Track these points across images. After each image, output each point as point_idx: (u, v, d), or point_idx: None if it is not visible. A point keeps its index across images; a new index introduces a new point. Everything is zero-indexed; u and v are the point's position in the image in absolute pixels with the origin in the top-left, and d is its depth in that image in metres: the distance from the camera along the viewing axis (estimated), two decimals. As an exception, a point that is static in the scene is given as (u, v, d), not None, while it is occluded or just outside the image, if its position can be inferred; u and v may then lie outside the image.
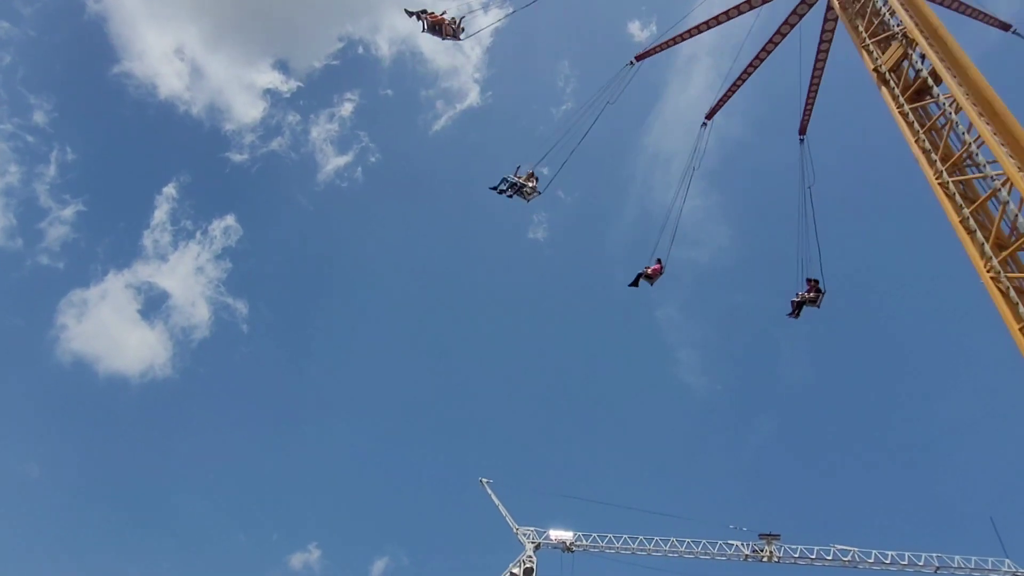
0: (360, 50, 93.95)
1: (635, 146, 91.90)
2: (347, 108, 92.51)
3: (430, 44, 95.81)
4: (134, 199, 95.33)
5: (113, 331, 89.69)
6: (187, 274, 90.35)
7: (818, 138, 30.96)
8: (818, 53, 28.15)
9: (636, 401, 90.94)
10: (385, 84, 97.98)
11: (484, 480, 52.13)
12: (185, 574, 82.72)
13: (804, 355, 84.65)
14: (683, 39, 29.39)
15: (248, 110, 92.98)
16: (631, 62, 30.42)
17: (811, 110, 30.28)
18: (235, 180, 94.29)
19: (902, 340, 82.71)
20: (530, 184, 29.06)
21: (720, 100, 31.22)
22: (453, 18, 28.61)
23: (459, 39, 28.74)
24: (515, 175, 29.38)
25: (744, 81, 29.94)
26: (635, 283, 30.85)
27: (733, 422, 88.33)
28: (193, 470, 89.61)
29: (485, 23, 30.02)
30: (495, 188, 29.32)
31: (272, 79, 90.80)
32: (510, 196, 29.32)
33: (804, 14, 26.75)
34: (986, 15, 27.04)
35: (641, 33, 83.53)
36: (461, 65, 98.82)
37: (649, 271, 30.49)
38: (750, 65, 29.13)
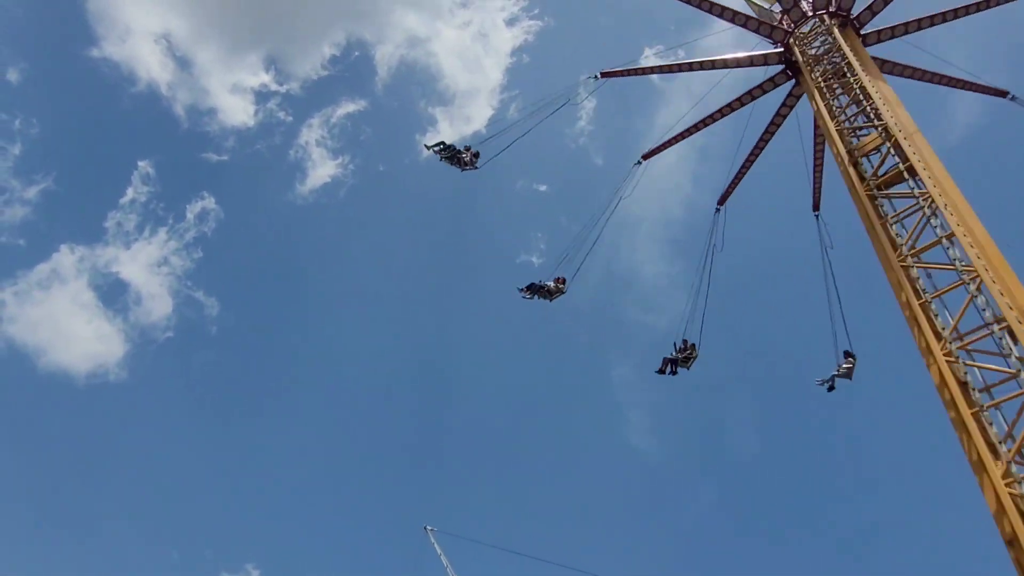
0: (366, 54, 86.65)
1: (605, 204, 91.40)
2: (343, 116, 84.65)
3: (447, 56, 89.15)
4: (99, 183, 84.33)
5: (61, 321, 78.26)
6: (151, 264, 79.53)
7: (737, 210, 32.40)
8: (764, 133, 29.63)
9: (584, 458, 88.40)
10: (391, 94, 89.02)
11: (429, 528, 50.66)
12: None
13: (751, 425, 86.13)
14: (653, 72, 29.62)
15: (236, 113, 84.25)
16: (596, 76, 29.99)
17: (737, 184, 31.73)
18: (214, 177, 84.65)
19: (850, 427, 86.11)
20: (468, 156, 27.06)
21: (660, 146, 31.62)
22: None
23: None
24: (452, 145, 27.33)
25: (689, 135, 30.58)
26: (527, 291, 29.78)
27: (677, 488, 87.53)
28: (132, 481, 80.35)
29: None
30: (431, 147, 26.93)
31: (264, 80, 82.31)
32: (444, 159, 27.05)
33: (769, 91, 28.11)
34: (982, 86, 29.41)
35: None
36: (479, 87, 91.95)
37: (548, 287, 29.53)
38: (702, 122, 29.86)
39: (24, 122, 77.16)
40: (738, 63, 27.94)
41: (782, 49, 26.97)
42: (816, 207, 31.62)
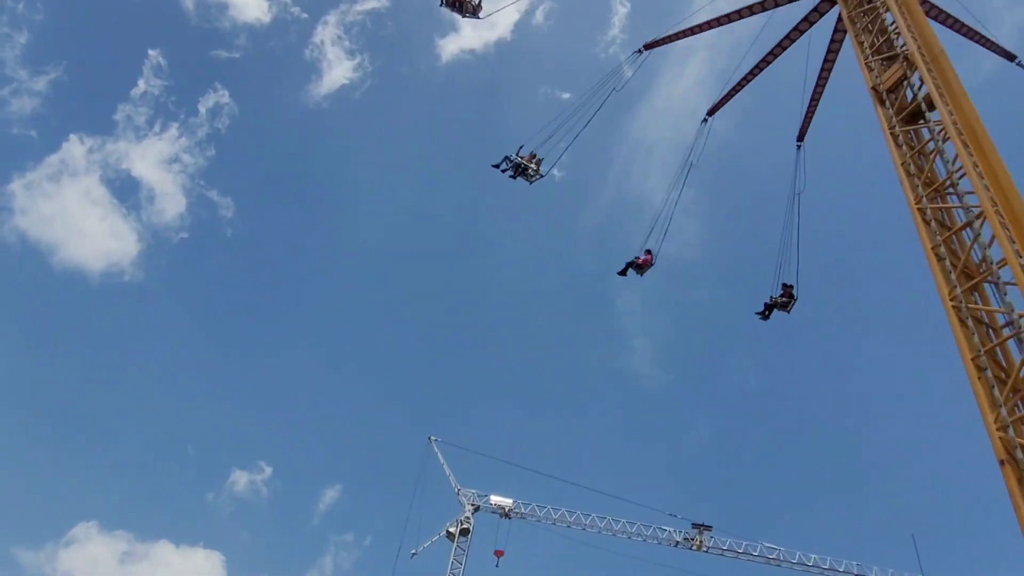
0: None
1: (620, 132, 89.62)
2: (360, 14, 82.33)
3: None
4: (108, 75, 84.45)
5: (74, 216, 77.38)
6: (163, 160, 78.31)
7: (811, 146, 31.26)
8: (824, 62, 28.32)
9: (588, 382, 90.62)
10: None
11: (433, 438, 52.96)
12: (124, 482, 79.45)
13: (754, 358, 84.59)
14: (693, 33, 29.43)
15: (248, 8, 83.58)
16: (640, 50, 30.49)
17: (811, 117, 30.55)
18: (226, 75, 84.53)
19: (854, 357, 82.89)
20: (533, 165, 29.11)
21: (723, 98, 31.39)
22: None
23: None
24: (517, 155, 29.37)
25: (748, 82, 30.06)
26: (624, 272, 31.22)
27: (679, 415, 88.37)
28: (148, 379, 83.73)
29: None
30: (497, 165, 29.39)
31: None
32: (512, 176, 29.35)
33: (815, 21, 26.83)
34: (992, 43, 27.15)
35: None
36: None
37: (639, 261, 30.82)
38: (756, 67, 29.24)
39: (28, 7, 74.95)
40: (776, 2, 26.98)
41: (816, -24, 25.70)
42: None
